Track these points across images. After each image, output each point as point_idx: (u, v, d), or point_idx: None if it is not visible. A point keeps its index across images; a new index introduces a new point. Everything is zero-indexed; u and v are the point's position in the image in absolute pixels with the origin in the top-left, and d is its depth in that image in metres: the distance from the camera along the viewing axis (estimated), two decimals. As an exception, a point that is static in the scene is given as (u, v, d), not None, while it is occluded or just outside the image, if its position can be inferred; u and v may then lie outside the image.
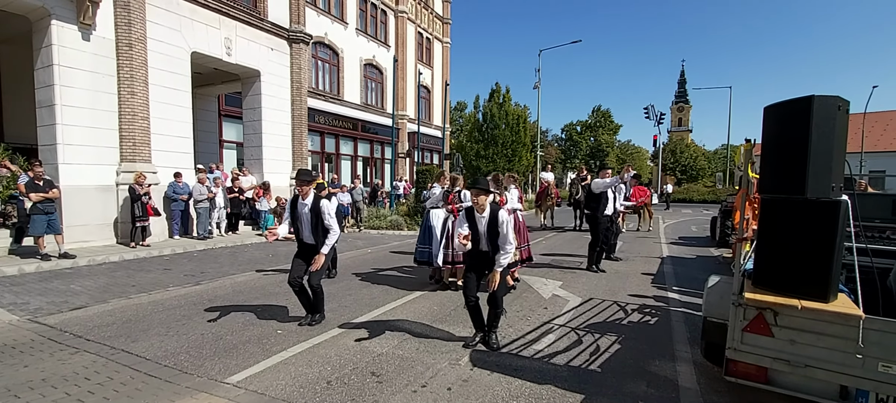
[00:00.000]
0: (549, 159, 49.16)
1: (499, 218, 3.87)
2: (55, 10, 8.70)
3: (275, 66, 13.74)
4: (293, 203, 4.66)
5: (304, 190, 4.55)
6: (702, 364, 3.70)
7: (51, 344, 4.11)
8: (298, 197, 4.61)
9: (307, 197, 4.57)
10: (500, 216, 3.88)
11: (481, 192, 3.89)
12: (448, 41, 28.47)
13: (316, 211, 4.54)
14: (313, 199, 4.57)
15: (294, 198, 4.67)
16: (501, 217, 3.88)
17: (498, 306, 4.02)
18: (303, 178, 4.59)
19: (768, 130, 2.79)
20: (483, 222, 3.95)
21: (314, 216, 4.55)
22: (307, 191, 4.56)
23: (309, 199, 4.57)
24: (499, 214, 3.88)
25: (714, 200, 29.39)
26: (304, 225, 4.63)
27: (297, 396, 3.18)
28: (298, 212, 4.62)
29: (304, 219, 4.61)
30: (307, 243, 4.67)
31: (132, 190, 9.25)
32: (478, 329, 4.21)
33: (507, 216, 3.99)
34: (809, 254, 2.61)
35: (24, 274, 7.02)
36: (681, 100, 69.51)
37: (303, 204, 4.59)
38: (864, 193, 6.53)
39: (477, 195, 3.90)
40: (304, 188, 4.55)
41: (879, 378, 2.40)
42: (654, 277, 7.37)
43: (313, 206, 4.56)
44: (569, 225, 14.80)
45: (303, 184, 4.56)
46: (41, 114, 9.04)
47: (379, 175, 23.01)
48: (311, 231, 4.60)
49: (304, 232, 4.66)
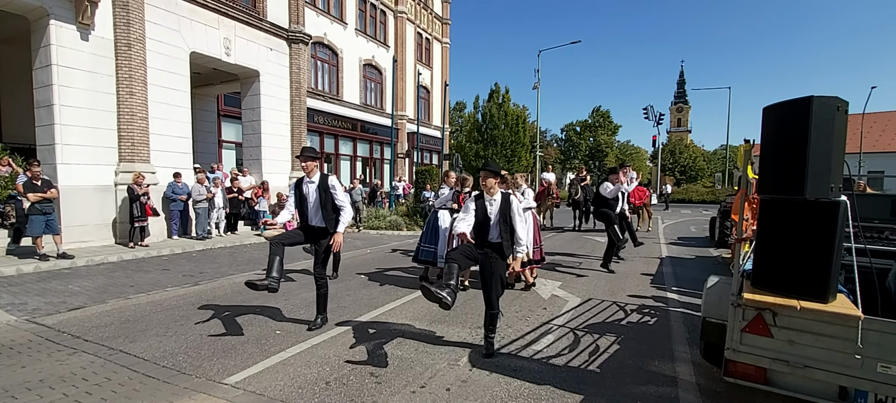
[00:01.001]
0: (549, 159, 49.17)
1: (512, 204, 3.74)
2: (54, 10, 8.68)
3: (274, 66, 13.73)
4: (298, 183, 4.40)
5: (310, 166, 4.30)
6: (701, 364, 3.70)
7: (49, 345, 4.09)
8: (303, 177, 4.37)
9: (313, 174, 4.32)
10: (513, 201, 3.77)
11: (491, 174, 3.76)
12: (447, 41, 28.48)
13: (324, 187, 4.28)
14: (320, 177, 4.33)
15: (299, 181, 4.42)
16: (514, 202, 3.77)
17: (494, 307, 3.85)
18: (308, 155, 4.32)
19: (767, 131, 2.79)
20: (494, 206, 3.79)
21: (322, 193, 4.28)
22: (313, 168, 4.31)
23: (315, 177, 4.31)
24: (511, 199, 3.78)
25: (713, 201, 29.43)
26: (311, 205, 4.34)
27: (296, 397, 3.17)
28: (304, 192, 4.34)
29: (310, 199, 4.33)
30: (314, 226, 4.37)
31: (131, 190, 9.24)
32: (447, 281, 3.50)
33: (518, 202, 3.88)
34: (808, 255, 2.61)
35: (23, 275, 7.00)
36: (680, 100, 69.61)
37: (309, 182, 4.32)
38: (862, 194, 6.54)
39: (486, 178, 3.76)
40: (309, 164, 4.30)
41: (878, 378, 2.40)
42: (654, 277, 7.38)
43: (321, 183, 4.30)
44: (568, 226, 14.81)
45: (308, 160, 4.29)
46: (39, 114, 9.02)
47: (378, 175, 23.01)
48: (320, 210, 4.31)
49: (310, 214, 4.36)
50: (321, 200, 4.31)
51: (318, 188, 4.33)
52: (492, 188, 3.80)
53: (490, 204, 3.83)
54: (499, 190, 3.84)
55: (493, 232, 3.84)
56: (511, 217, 3.76)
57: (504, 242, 3.81)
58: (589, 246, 10.73)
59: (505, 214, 3.78)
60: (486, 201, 3.85)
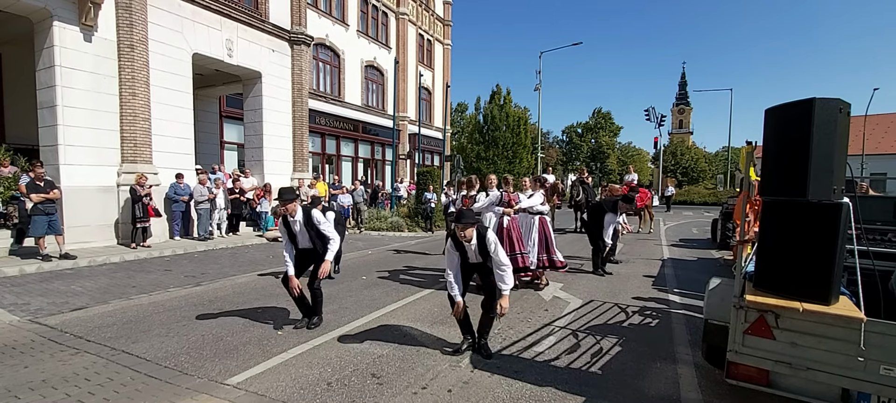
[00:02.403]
0: (550, 161, 49.16)
1: (488, 241, 3.77)
2: (57, 12, 8.72)
3: (276, 67, 13.76)
4: (285, 221, 4.55)
5: (291, 208, 4.44)
6: (703, 366, 3.70)
7: (51, 345, 4.10)
8: (286, 216, 4.51)
9: (295, 213, 4.48)
10: (488, 236, 3.79)
11: (469, 225, 3.76)
12: (449, 43, 28.53)
13: (309, 223, 4.48)
14: (303, 214, 4.49)
15: (284, 219, 4.55)
16: (489, 237, 3.79)
17: (492, 311, 3.89)
18: (285, 197, 4.44)
19: (769, 133, 2.79)
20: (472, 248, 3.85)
21: (309, 228, 4.50)
22: (294, 209, 4.46)
23: (298, 215, 4.49)
24: (486, 235, 3.79)
25: (715, 202, 29.36)
26: (302, 241, 4.58)
27: (298, 398, 3.17)
28: (292, 231, 4.55)
29: (300, 236, 4.56)
30: (311, 250, 4.62)
31: (133, 191, 9.26)
32: (466, 333, 4.09)
33: (494, 236, 3.85)
34: (811, 257, 2.60)
35: (25, 275, 7.03)
36: (682, 102, 69.48)
37: (294, 222, 4.51)
38: (865, 196, 6.52)
39: (464, 229, 3.75)
40: (289, 206, 4.43)
41: (881, 380, 2.39)
42: (655, 279, 7.37)
43: (306, 220, 4.48)
44: (570, 228, 14.79)
45: (287, 203, 4.43)
46: (42, 115, 9.05)
47: (379, 176, 23.03)
48: (310, 242, 4.56)
49: (303, 244, 4.61)
50: (311, 235, 4.55)
51: (304, 225, 4.53)
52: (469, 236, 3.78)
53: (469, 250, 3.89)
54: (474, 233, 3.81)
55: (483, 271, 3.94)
56: (489, 253, 3.78)
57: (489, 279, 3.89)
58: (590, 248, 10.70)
59: (484, 255, 3.83)
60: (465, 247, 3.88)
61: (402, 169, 23.77)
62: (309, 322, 4.65)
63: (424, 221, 14.46)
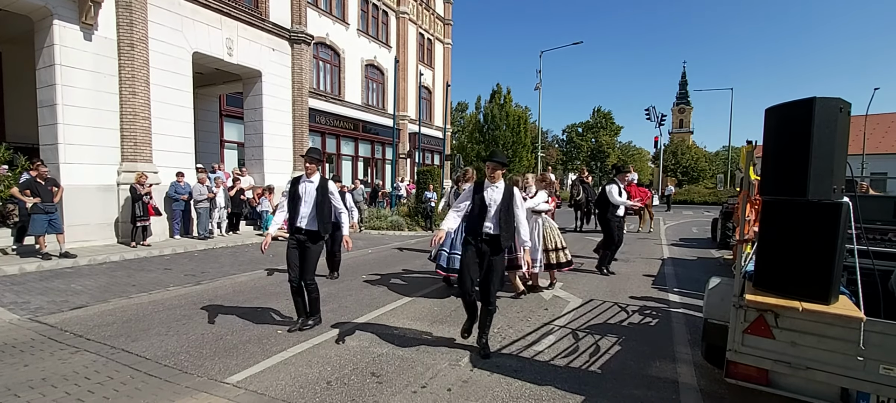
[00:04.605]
0: (550, 160, 49.15)
1: (515, 195, 3.68)
2: (57, 10, 8.72)
3: (276, 66, 13.76)
4: (295, 181, 4.33)
5: (311, 168, 4.27)
6: (702, 365, 3.70)
7: (51, 344, 4.11)
8: (300, 176, 4.32)
9: (313, 175, 4.28)
10: (516, 193, 3.71)
11: (499, 166, 3.70)
12: (449, 42, 28.51)
13: (323, 189, 4.25)
14: (321, 179, 4.29)
15: (295, 179, 4.35)
16: (517, 195, 3.70)
17: (491, 303, 3.82)
18: (314, 156, 4.27)
19: (770, 132, 2.78)
20: (496, 193, 3.71)
21: (320, 194, 4.26)
22: (314, 170, 4.28)
23: (315, 178, 4.27)
24: (515, 190, 3.72)
25: (715, 202, 29.38)
26: (306, 205, 4.26)
27: (297, 396, 3.18)
28: (300, 192, 4.27)
29: (306, 198, 4.26)
30: (305, 229, 4.29)
31: (133, 189, 9.27)
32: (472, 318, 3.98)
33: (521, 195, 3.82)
34: (811, 256, 2.60)
35: (25, 274, 7.03)
36: (682, 101, 69.40)
37: (307, 182, 4.28)
38: (865, 195, 6.52)
39: (494, 169, 3.69)
40: (311, 166, 4.26)
41: (881, 380, 2.39)
42: (655, 278, 7.37)
43: (321, 185, 4.27)
44: (570, 227, 14.79)
45: (313, 162, 4.25)
46: (43, 114, 9.06)
47: (380, 175, 23.03)
48: (314, 211, 4.25)
49: (303, 212, 4.28)
50: (318, 200, 4.28)
51: (317, 188, 4.30)
52: (497, 178, 3.76)
53: (492, 191, 3.76)
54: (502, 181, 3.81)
55: (491, 222, 3.76)
56: (514, 207, 3.70)
57: (502, 233, 3.74)
58: (591, 246, 10.69)
59: (508, 203, 3.71)
60: (486, 190, 3.78)
61: (403, 168, 23.76)
62: (303, 322, 4.51)
63: (424, 220, 14.46)
